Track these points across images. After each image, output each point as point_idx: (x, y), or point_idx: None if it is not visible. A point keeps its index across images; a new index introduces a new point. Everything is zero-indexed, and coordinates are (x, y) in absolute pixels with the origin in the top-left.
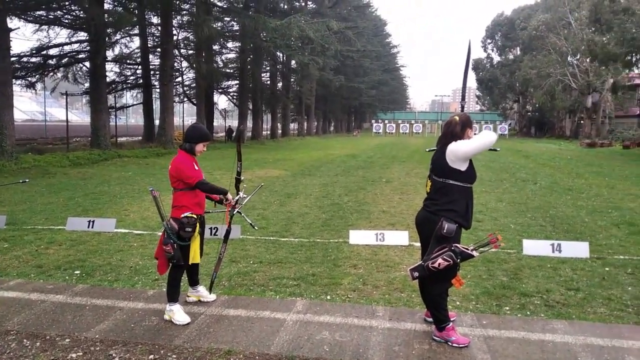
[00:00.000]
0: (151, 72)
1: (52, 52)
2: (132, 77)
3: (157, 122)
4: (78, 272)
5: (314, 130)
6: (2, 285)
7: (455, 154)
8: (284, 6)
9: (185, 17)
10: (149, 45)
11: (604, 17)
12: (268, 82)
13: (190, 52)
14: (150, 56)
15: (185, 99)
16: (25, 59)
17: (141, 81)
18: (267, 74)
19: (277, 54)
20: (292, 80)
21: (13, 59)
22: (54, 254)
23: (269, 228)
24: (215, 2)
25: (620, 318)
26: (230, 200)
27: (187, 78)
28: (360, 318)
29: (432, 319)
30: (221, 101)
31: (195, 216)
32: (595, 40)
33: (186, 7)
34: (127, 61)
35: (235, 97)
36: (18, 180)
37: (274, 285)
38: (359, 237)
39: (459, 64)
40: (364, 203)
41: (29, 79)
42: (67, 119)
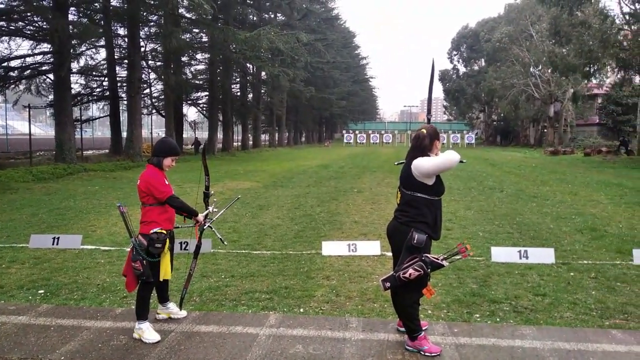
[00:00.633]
0: (118, 84)
1: (13, 63)
2: (98, 89)
3: (124, 134)
4: (42, 291)
5: (285, 141)
6: None
7: (419, 169)
8: (253, 18)
9: (153, 29)
10: (116, 57)
11: (563, 30)
12: (238, 93)
13: (159, 63)
14: (117, 68)
15: (154, 110)
16: None
17: (108, 93)
18: (237, 85)
19: (247, 65)
20: (262, 91)
21: None
22: (16, 273)
23: (241, 241)
24: (184, 13)
25: (585, 322)
26: (200, 221)
27: (156, 90)
28: (334, 330)
29: (405, 329)
30: (191, 112)
31: (164, 232)
32: (556, 52)
33: (154, 18)
34: (93, 73)
35: (205, 109)
36: None
37: (247, 299)
38: (332, 248)
39: (426, 75)
40: (336, 214)
41: None
42: (30, 133)
